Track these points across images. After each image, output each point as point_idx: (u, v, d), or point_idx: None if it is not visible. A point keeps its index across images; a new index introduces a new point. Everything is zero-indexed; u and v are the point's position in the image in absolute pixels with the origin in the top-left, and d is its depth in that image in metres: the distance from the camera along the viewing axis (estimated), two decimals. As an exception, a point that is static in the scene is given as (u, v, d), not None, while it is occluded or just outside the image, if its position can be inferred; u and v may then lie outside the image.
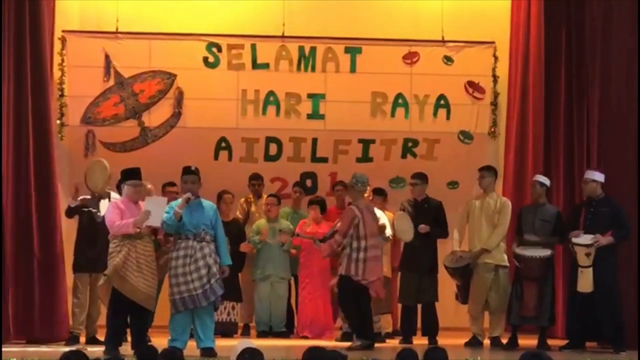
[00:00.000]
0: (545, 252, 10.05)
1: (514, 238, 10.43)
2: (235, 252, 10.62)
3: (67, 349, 6.67)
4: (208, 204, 9.30)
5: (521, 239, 10.29)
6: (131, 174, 9.22)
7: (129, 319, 9.11)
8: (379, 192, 11.20)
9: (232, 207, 11.56)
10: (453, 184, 12.59)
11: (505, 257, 10.43)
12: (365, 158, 12.61)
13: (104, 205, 9.98)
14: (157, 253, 9.36)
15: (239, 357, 5.76)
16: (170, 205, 9.09)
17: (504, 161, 12.26)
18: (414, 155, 12.59)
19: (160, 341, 9.03)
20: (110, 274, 8.87)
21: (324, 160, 12.58)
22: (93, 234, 10.04)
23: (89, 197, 10.15)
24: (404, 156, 12.60)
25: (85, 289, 10.16)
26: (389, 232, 10.58)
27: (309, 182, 12.53)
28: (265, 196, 11.74)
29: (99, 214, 9.99)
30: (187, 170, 9.21)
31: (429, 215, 10.67)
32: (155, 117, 12.39)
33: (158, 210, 8.93)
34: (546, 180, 10.50)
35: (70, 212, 10.31)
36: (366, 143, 12.59)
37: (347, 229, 9.85)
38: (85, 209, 10.12)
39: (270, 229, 11.36)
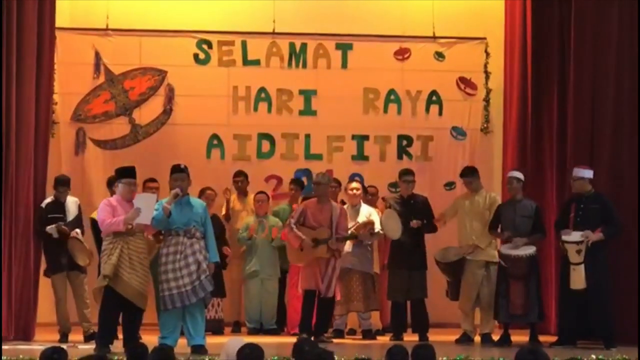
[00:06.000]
0: (531, 250, 10.01)
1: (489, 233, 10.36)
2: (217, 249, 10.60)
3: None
4: (198, 202, 9.33)
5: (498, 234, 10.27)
6: (126, 173, 9.23)
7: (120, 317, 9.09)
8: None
9: (212, 204, 11.38)
10: (450, 185, 12.52)
11: (496, 253, 10.39)
12: (360, 156, 12.60)
13: (70, 203, 10.16)
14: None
15: (239, 353, 5.75)
16: (159, 202, 9.09)
17: (503, 157, 12.19)
18: (410, 156, 12.56)
19: (150, 339, 8.97)
20: (110, 274, 8.82)
21: (319, 157, 12.55)
22: (62, 237, 10.04)
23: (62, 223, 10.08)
24: (399, 157, 12.57)
25: (64, 288, 10.21)
26: (377, 227, 10.58)
27: (304, 180, 12.41)
28: (253, 194, 11.63)
29: (64, 220, 10.07)
30: (175, 169, 9.22)
31: (417, 212, 10.63)
32: (146, 114, 12.38)
33: (147, 208, 8.92)
34: (521, 176, 10.44)
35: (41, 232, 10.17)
36: (360, 140, 12.58)
37: None
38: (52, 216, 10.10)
39: (260, 225, 11.32)
